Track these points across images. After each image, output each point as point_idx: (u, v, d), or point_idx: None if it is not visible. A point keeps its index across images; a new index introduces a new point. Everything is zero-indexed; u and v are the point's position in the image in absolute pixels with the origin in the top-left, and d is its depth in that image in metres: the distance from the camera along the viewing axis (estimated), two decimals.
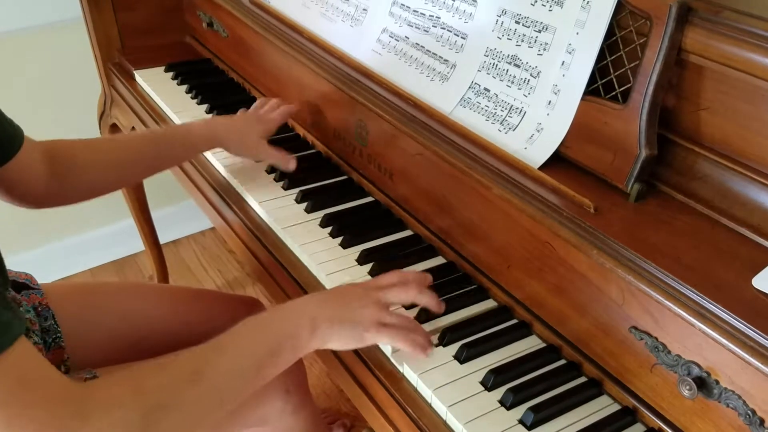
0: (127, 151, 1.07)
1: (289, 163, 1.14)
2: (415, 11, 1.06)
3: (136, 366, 0.70)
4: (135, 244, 2.07)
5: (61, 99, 1.89)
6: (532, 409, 0.75)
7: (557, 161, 0.86)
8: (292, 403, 1.08)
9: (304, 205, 1.09)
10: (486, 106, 0.94)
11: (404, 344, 0.80)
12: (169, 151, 1.12)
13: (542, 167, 0.86)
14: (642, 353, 0.72)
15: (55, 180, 0.98)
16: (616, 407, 0.78)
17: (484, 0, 0.95)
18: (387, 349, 0.84)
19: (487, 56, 0.94)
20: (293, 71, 1.24)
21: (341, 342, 0.80)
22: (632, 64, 0.79)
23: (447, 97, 0.99)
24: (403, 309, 0.89)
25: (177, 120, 1.35)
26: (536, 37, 0.88)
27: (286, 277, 0.99)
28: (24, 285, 1.01)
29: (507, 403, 0.77)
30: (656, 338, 0.70)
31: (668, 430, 0.72)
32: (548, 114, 0.87)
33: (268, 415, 1.07)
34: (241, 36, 1.40)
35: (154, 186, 1.86)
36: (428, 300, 0.85)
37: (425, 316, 0.87)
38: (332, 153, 1.20)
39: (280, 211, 1.08)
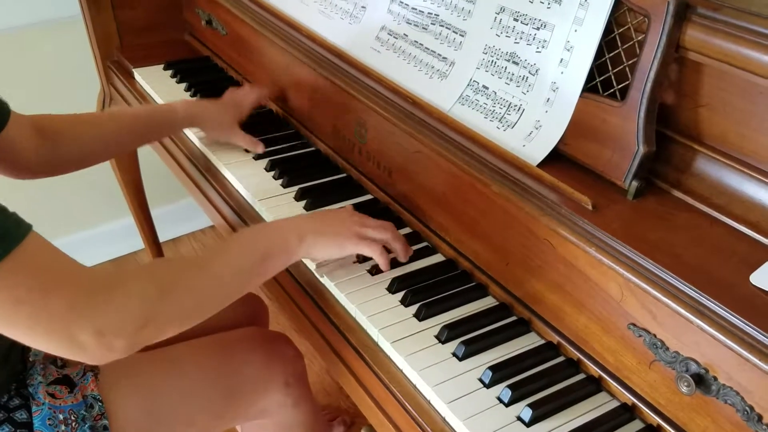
0: (113, 126, 1.14)
1: (257, 146, 1.21)
2: (413, 9, 1.06)
3: (148, 262, 0.77)
4: (135, 242, 2.07)
5: (59, 97, 1.88)
6: (530, 405, 0.75)
7: (556, 158, 0.86)
8: (292, 396, 1.09)
9: (304, 202, 1.09)
10: (484, 103, 0.94)
11: (378, 259, 0.91)
12: (152, 128, 1.19)
13: (541, 164, 0.86)
14: (640, 350, 0.72)
15: (45, 151, 1.03)
16: (614, 404, 0.78)
17: None
18: (386, 345, 0.84)
19: (486, 53, 0.94)
20: (291, 69, 1.24)
21: (324, 251, 0.90)
22: (630, 62, 0.79)
23: (446, 94, 0.99)
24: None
25: None
26: (534, 34, 0.88)
27: (286, 274, 0.99)
28: None
29: (506, 400, 0.77)
30: (654, 335, 0.70)
31: (667, 426, 0.72)
32: (546, 111, 0.87)
33: (268, 408, 1.08)
34: (240, 33, 1.40)
35: (153, 184, 1.86)
36: (399, 246, 0.93)
37: (425, 312, 0.87)
38: (331, 150, 1.20)
39: (278, 209, 1.08)
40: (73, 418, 0.88)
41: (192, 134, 1.29)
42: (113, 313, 0.71)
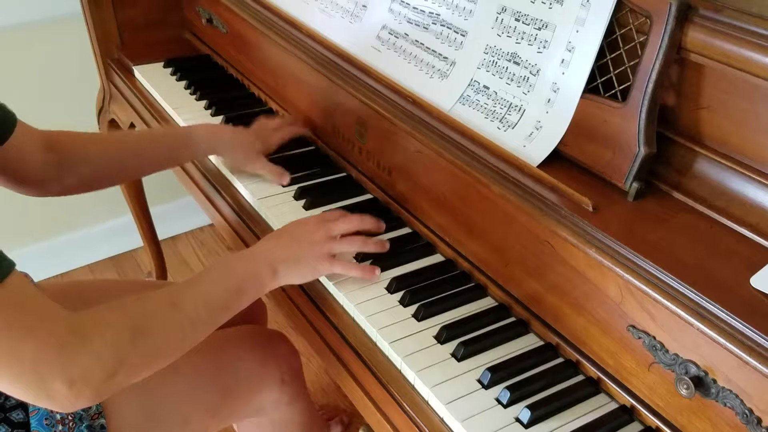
0: (127, 149, 1.10)
1: (283, 178, 1.13)
2: (414, 8, 1.05)
3: (121, 299, 0.76)
4: (133, 240, 2.07)
5: (59, 95, 1.88)
6: (529, 407, 0.75)
7: (556, 159, 0.86)
8: (287, 393, 1.08)
9: (303, 201, 1.09)
10: (485, 103, 0.94)
11: (355, 273, 0.91)
12: (168, 152, 1.13)
13: (541, 165, 0.86)
14: (640, 352, 0.72)
15: (53, 169, 1.00)
16: (613, 405, 0.78)
17: None
18: (384, 345, 0.84)
19: (487, 53, 0.94)
20: (292, 67, 1.24)
21: (298, 278, 0.91)
22: (632, 63, 0.78)
23: (446, 94, 0.98)
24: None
25: (176, 116, 1.34)
26: (536, 34, 0.88)
27: None
28: None
29: (504, 401, 0.77)
30: (654, 337, 0.70)
31: (665, 428, 0.72)
32: (547, 112, 0.87)
33: (264, 406, 1.08)
34: (240, 32, 1.39)
35: (152, 182, 1.86)
36: (372, 248, 0.94)
37: (424, 312, 0.87)
38: (331, 150, 1.19)
39: (278, 208, 1.08)
40: (70, 417, 0.88)
41: None
42: (86, 362, 0.69)
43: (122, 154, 1.09)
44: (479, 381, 0.79)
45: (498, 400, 0.77)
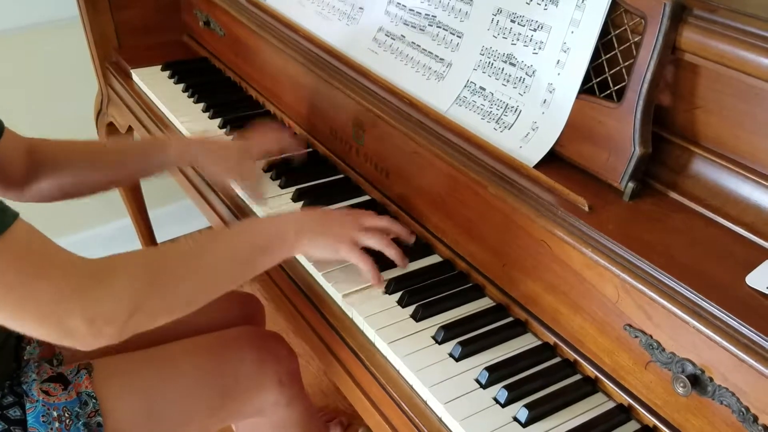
0: (104, 159, 1.09)
1: (257, 197, 1.10)
2: (411, 10, 1.06)
3: (140, 249, 0.76)
4: (132, 243, 2.06)
5: (57, 98, 1.88)
6: (527, 406, 0.75)
7: (552, 160, 0.86)
8: (286, 395, 1.09)
9: (300, 203, 1.09)
10: (481, 104, 0.94)
11: (365, 274, 0.90)
12: (142, 164, 1.12)
13: (537, 166, 0.86)
14: (636, 351, 0.72)
15: (33, 175, 1.02)
16: (610, 405, 0.78)
17: None
18: (383, 346, 0.84)
19: (483, 55, 0.95)
20: (289, 70, 1.24)
21: (319, 251, 0.90)
22: (627, 63, 0.79)
23: (443, 95, 0.99)
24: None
25: (174, 119, 1.35)
26: (531, 35, 0.88)
27: (282, 274, 1.00)
28: None
29: (502, 401, 0.77)
30: (650, 336, 0.70)
31: (663, 427, 0.72)
32: (543, 113, 0.87)
33: (262, 407, 1.08)
34: (238, 35, 1.40)
35: (151, 185, 1.86)
36: (394, 254, 0.92)
37: (422, 312, 0.88)
38: (328, 152, 1.20)
39: (275, 210, 1.08)
40: (67, 415, 0.88)
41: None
42: (104, 299, 0.71)
43: (99, 164, 1.08)
44: (477, 380, 0.80)
45: (496, 400, 0.77)
